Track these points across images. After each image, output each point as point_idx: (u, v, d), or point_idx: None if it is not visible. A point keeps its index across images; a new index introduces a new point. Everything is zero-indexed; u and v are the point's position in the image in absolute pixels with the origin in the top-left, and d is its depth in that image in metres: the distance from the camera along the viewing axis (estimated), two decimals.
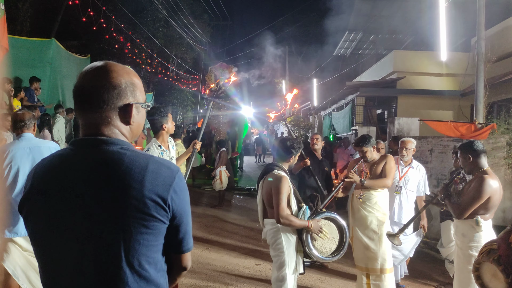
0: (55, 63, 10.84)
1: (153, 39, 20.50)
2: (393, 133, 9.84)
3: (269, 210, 3.47)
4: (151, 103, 20.32)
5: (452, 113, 13.65)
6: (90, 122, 1.33)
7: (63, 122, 9.04)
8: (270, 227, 3.46)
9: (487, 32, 8.95)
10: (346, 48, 24.13)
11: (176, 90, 26.31)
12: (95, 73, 1.32)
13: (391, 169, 4.49)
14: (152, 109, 3.90)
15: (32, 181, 1.32)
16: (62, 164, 1.31)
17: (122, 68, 1.37)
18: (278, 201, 3.28)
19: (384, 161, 4.51)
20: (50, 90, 10.69)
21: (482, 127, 6.81)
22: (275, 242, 3.43)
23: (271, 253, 3.52)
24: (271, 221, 3.42)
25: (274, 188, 3.34)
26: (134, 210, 1.23)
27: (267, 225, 3.51)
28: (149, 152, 3.79)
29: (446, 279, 5.43)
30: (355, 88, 15.00)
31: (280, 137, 3.89)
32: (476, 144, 3.72)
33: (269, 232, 3.49)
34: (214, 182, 9.62)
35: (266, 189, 3.46)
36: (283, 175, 3.41)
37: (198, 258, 5.85)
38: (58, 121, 8.82)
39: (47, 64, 10.58)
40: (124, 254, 1.22)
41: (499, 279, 2.75)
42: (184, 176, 4.11)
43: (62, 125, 8.96)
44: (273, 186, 3.35)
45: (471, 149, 3.70)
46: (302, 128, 22.47)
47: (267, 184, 3.43)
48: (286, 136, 3.74)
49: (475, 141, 3.78)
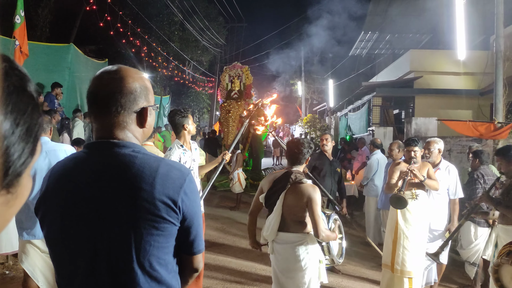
0: (73, 67, 11.05)
1: (169, 43, 20.72)
2: (411, 133, 9.74)
3: (291, 223, 3.12)
4: (168, 106, 20.55)
5: (471, 112, 13.43)
6: (104, 126, 1.35)
7: (82, 125, 9.21)
8: (294, 241, 3.10)
9: (505, 30, 8.79)
10: (362, 48, 23.92)
11: (192, 92, 26.54)
12: (111, 78, 1.34)
13: (434, 175, 4.48)
14: (173, 110, 4.03)
15: (48, 183, 1.36)
16: (76, 167, 1.34)
17: (135, 72, 1.40)
18: (318, 213, 2.98)
19: (427, 167, 4.47)
20: (69, 94, 10.89)
21: (501, 127, 6.70)
22: (298, 257, 3.07)
23: (287, 267, 3.15)
24: (294, 235, 3.11)
25: (311, 200, 2.99)
26: (145, 212, 1.25)
27: (285, 239, 3.14)
28: (171, 151, 3.88)
29: (466, 281, 5.35)
30: (372, 88, 14.88)
31: (291, 140, 3.77)
32: None
33: (289, 247, 3.12)
34: (233, 185, 9.62)
35: (294, 201, 3.08)
36: (313, 185, 3.16)
37: (215, 260, 5.87)
38: (77, 124, 8.99)
39: (66, 68, 10.79)
40: (136, 255, 1.25)
41: None
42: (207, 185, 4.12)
43: (81, 128, 9.13)
44: (309, 197, 3.00)
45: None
46: (319, 129, 22.38)
47: (296, 195, 3.07)
48: (297, 138, 3.55)
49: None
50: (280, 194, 3.12)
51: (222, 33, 28.32)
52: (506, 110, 8.14)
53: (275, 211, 3.13)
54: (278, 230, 3.16)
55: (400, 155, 5.82)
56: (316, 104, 32.49)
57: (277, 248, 3.19)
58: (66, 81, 10.60)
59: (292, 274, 3.12)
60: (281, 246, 3.16)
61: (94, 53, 18.33)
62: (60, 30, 15.71)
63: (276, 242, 3.19)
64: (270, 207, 3.22)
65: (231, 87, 13.03)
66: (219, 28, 27.45)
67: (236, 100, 12.75)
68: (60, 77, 10.17)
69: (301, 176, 3.15)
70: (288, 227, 3.13)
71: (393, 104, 15.68)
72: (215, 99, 26.26)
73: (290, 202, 3.09)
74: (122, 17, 15.84)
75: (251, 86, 13.23)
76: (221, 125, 12.95)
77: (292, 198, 3.08)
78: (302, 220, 3.10)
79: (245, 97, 12.88)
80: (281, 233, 3.16)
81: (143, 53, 19.04)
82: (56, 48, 10.88)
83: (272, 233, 3.17)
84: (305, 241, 3.08)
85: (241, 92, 12.91)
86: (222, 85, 13.28)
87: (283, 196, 3.11)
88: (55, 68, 10.49)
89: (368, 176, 7.11)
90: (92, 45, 19.45)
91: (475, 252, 5.09)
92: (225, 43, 29.64)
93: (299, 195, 3.05)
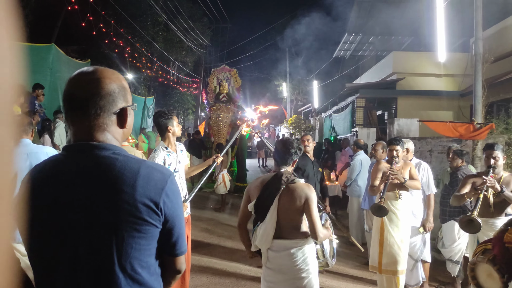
0: (55, 68, 10.89)
1: (153, 43, 20.58)
2: (393, 134, 9.86)
3: (287, 229, 2.89)
4: (153, 107, 20.40)
5: (452, 113, 13.66)
6: (83, 128, 1.33)
7: (63, 126, 9.08)
8: (292, 247, 2.88)
9: (485, 33, 8.97)
10: (346, 50, 24.17)
11: (177, 93, 26.40)
12: (88, 80, 1.33)
13: (416, 174, 4.57)
14: (158, 112, 4.05)
15: (26, 186, 1.34)
16: (55, 169, 1.32)
17: (112, 73, 1.39)
18: (316, 214, 2.80)
19: (409, 166, 4.55)
20: (50, 95, 10.73)
21: (480, 127, 6.84)
22: (298, 264, 2.86)
23: (285, 277, 2.90)
24: (292, 241, 2.88)
25: (308, 199, 2.81)
26: (126, 214, 1.25)
27: (283, 246, 2.90)
28: (155, 153, 3.89)
29: (448, 279, 5.44)
30: (355, 90, 15.03)
31: (281, 139, 3.72)
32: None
33: (286, 254, 2.88)
34: (218, 186, 9.62)
35: (290, 204, 2.86)
36: (309, 184, 2.96)
37: (199, 261, 5.87)
38: (59, 125, 8.86)
39: (47, 69, 10.62)
40: (117, 258, 1.25)
41: (494, 279, 2.77)
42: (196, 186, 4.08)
43: (63, 130, 9.00)
44: (306, 197, 2.82)
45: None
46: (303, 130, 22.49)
47: (291, 196, 2.85)
48: (286, 138, 3.38)
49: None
50: (274, 199, 2.87)
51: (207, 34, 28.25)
52: (485, 111, 8.30)
53: (270, 217, 2.87)
54: (273, 237, 2.91)
55: (384, 155, 5.89)
56: (301, 105, 32.65)
57: (273, 256, 2.94)
58: (47, 81, 10.43)
59: (290, 280, 2.89)
60: (278, 254, 2.91)
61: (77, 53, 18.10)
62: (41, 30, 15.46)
63: (271, 250, 2.94)
64: (261, 215, 2.94)
65: (219, 90, 13.02)
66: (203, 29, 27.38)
67: (226, 104, 12.77)
68: (42, 78, 10.01)
69: (293, 176, 2.94)
70: (284, 233, 2.89)
71: (376, 105, 15.86)
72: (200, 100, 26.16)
73: (285, 205, 2.86)
74: (105, 17, 15.68)
75: (239, 89, 13.25)
76: (211, 128, 12.92)
77: (287, 200, 2.85)
78: (298, 224, 2.90)
79: (234, 101, 12.90)
80: (277, 241, 2.91)
81: (127, 54, 18.88)
82: (37, 48, 10.70)
83: (268, 241, 2.91)
84: (303, 245, 2.89)
85: (230, 95, 12.93)
86: (210, 88, 13.25)
87: (277, 200, 2.87)
88: (36, 68, 10.32)
89: (351, 177, 7.18)
90: (74, 45, 19.20)
91: (458, 250, 5.19)
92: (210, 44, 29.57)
93: (294, 196, 2.83)
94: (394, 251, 4.36)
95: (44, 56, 10.62)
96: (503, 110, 8.61)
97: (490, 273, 2.80)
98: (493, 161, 3.95)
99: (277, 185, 2.90)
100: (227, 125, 12.55)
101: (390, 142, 4.58)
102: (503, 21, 12.37)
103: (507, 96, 9.64)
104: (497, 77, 11.07)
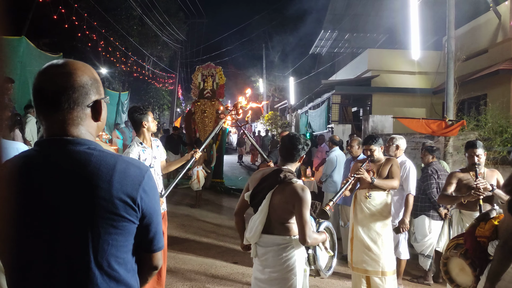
0: (25, 61, 10.57)
1: (127, 37, 20.23)
2: (368, 130, 10.00)
3: (277, 225, 2.87)
4: (127, 102, 20.08)
5: (425, 110, 13.96)
6: (56, 123, 1.29)
7: (35, 121, 8.84)
8: (279, 243, 2.85)
9: (457, 31, 9.19)
10: (322, 47, 24.35)
11: (152, 88, 26.06)
12: (59, 73, 1.28)
13: (397, 172, 4.38)
14: (132, 107, 4.05)
15: None
16: (27, 166, 1.27)
17: (83, 65, 1.35)
18: (306, 218, 2.73)
19: (390, 163, 4.40)
20: (20, 89, 10.42)
21: (452, 124, 7.00)
22: (284, 263, 2.83)
23: (271, 275, 2.87)
24: (280, 238, 2.85)
25: (301, 202, 2.73)
26: (103, 210, 1.22)
27: (270, 242, 2.88)
28: (130, 149, 3.89)
29: (419, 272, 5.55)
30: (331, 86, 15.17)
31: (287, 135, 3.58)
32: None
33: (273, 250, 2.86)
34: (192, 182, 9.57)
35: (281, 202, 2.82)
36: (304, 186, 2.86)
37: (174, 258, 5.81)
38: (30, 120, 8.61)
39: (17, 62, 10.31)
40: (93, 255, 1.22)
41: (466, 273, 2.83)
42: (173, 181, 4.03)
43: (34, 125, 8.76)
44: (299, 200, 2.74)
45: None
46: (280, 126, 22.58)
47: (284, 195, 2.81)
48: (292, 133, 3.24)
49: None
50: (267, 193, 2.86)
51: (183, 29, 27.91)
52: (457, 108, 8.51)
53: (261, 211, 2.86)
54: (262, 232, 2.89)
55: (359, 151, 5.98)
56: (277, 102, 32.78)
57: (261, 251, 2.92)
58: (17, 75, 10.14)
59: (276, 279, 2.85)
60: (265, 249, 2.89)
61: (48, 46, 17.62)
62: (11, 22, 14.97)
63: (259, 245, 2.92)
64: (255, 206, 2.94)
65: (203, 86, 12.99)
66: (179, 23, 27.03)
67: (210, 100, 12.76)
68: (11, 71, 9.72)
69: (291, 176, 2.89)
70: (273, 229, 2.87)
71: (351, 102, 16.05)
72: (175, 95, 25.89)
73: (277, 202, 2.82)
74: (78, 9, 15.31)
75: (223, 86, 13.23)
76: (195, 124, 12.86)
77: (280, 198, 2.81)
78: (287, 223, 2.86)
79: (218, 97, 12.91)
80: (266, 235, 2.88)
81: (100, 48, 18.49)
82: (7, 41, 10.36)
83: (256, 235, 2.89)
84: (291, 244, 2.84)
85: (214, 91, 12.93)
86: (194, 84, 13.16)
87: (270, 195, 2.85)
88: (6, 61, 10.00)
89: (327, 173, 7.23)
90: (46, 39, 18.69)
91: (429, 244, 5.29)
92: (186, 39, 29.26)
93: (287, 196, 2.78)
94: (362, 250, 4.32)
95: (14, 50, 10.29)
96: (474, 108, 8.84)
97: (462, 267, 2.87)
98: (477, 159, 3.98)
99: (274, 181, 2.88)
100: (212, 121, 12.52)
101: (365, 141, 4.51)
102: (474, 20, 12.70)
103: (478, 93, 9.91)
104: (468, 75, 11.37)
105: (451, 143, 7.62)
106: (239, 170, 19.32)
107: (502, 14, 11.29)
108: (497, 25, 11.56)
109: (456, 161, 7.42)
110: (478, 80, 10.92)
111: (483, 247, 2.73)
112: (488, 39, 12.01)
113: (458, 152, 7.41)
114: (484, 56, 12.13)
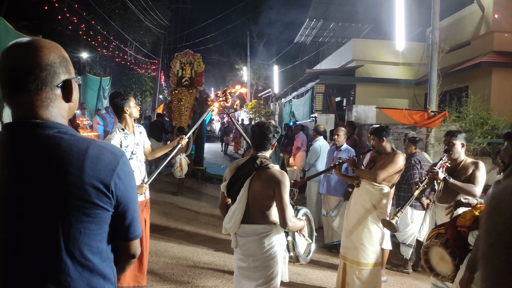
0: (3, 44, 10.21)
1: (109, 21, 19.78)
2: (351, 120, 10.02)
3: (256, 214, 2.84)
4: (109, 88, 19.73)
5: (408, 101, 14.06)
6: (24, 105, 1.22)
7: None
8: (260, 232, 2.83)
9: (441, 23, 9.23)
10: (307, 36, 24.30)
11: (134, 74, 25.64)
12: (25, 51, 1.21)
13: (389, 164, 4.22)
14: (114, 93, 3.99)
15: None
16: None
17: (50, 43, 1.27)
18: (286, 201, 2.73)
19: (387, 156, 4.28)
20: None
21: (434, 115, 7.06)
22: (266, 251, 2.82)
23: (253, 263, 2.86)
24: (260, 226, 2.83)
25: (280, 186, 2.73)
26: (73, 197, 1.17)
27: (251, 231, 2.86)
28: (111, 135, 3.83)
29: (399, 261, 5.63)
30: (315, 76, 15.15)
31: (256, 123, 3.58)
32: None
33: (254, 239, 2.84)
34: (174, 170, 9.50)
35: (260, 188, 2.80)
36: (282, 170, 2.89)
37: (156, 245, 5.77)
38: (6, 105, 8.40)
39: None
40: (64, 244, 1.17)
41: (446, 262, 2.87)
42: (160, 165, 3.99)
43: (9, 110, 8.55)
44: (278, 184, 2.73)
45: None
46: (263, 115, 22.52)
47: (263, 181, 2.80)
48: (262, 122, 3.25)
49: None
50: (245, 181, 2.83)
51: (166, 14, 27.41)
52: (439, 99, 8.59)
53: (239, 200, 2.83)
54: (241, 221, 2.86)
55: (343, 141, 6.09)
56: (261, 90, 32.65)
57: (241, 241, 2.89)
58: None
59: (257, 267, 2.85)
60: (246, 239, 2.86)
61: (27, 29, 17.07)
62: None
63: (239, 235, 2.90)
64: (233, 196, 2.91)
65: (182, 74, 12.78)
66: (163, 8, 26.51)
67: (188, 88, 12.56)
68: None
69: (267, 161, 2.88)
70: (253, 218, 2.85)
71: (335, 92, 16.07)
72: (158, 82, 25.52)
73: (256, 189, 2.80)
74: None
75: (202, 74, 13.04)
76: (172, 112, 12.68)
77: (258, 184, 2.80)
78: (268, 210, 2.85)
79: (196, 85, 12.72)
80: (245, 225, 2.86)
81: (81, 31, 18.05)
82: None
83: (235, 225, 2.86)
84: (271, 232, 2.84)
85: (192, 79, 12.73)
86: (172, 72, 12.94)
87: (248, 183, 2.82)
88: None
89: (310, 162, 7.25)
90: (25, 21, 18.12)
91: (411, 234, 5.37)
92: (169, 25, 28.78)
93: (266, 181, 2.77)
94: (344, 236, 4.40)
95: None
96: (456, 99, 8.93)
97: (442, 256, 2.90)
98: (446, 147, 4.11)
99: (250, 168, 2.86)
100: (189, 109, 12.37)
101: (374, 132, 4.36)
102: (459, 11, 12.79)
103: (460, 85, 10.02)
104: (451, 67, 11.49)
105: (433, 134, 7.70)
106: (221, 159, 19.26)
107: (486, 7, 11.38)
108: (480, 17, 11.66)
109: (437, 152, 7.51)
110: (460, 72, 11.03)
111: (464, 236, 2.76)
112: (471, 32, 12.12)
113: (439, 143, 7.49)
114: (467, 48, 12.25)
